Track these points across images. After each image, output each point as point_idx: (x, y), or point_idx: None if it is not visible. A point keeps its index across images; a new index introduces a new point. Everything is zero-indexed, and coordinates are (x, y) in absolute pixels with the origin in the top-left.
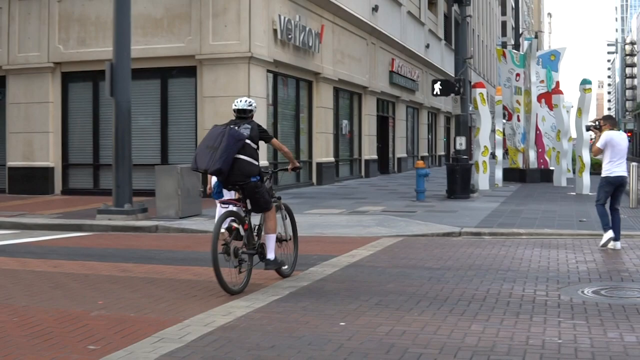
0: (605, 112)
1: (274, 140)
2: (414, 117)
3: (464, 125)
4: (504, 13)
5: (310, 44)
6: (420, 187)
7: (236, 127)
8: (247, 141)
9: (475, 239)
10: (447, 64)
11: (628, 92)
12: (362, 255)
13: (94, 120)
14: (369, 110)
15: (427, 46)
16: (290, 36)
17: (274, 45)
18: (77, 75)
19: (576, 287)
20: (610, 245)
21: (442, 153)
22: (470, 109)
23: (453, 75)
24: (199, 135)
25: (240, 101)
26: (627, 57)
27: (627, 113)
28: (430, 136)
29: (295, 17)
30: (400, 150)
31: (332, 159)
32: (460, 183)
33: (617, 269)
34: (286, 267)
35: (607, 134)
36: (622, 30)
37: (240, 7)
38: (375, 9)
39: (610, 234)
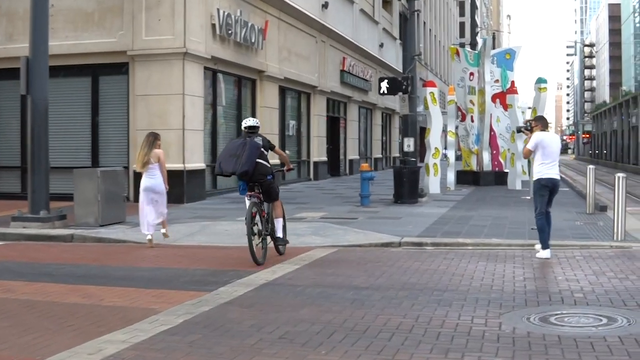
0: (564, 114)
1: (276, 148)
2: (367, 118)
3: (413, 126)
4: (462, 14)
5: (253, 40)
6: (364, 191)
7: (254, 139)
8: (262, 149)
9: (416, 250)
10: (402, 64)
11: (587, 94)
12: (286, 270)
13: (22, 120)
14: (319, 111)
15: (381, 45)
16: (230, 32)
17: (212, 40)
18: (4, 72)
19: (521, 312)
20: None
21: (397, 155)
22: (422, 109)
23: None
24: (132, 136)
25: (250, 120)
26: (586, 59)
27: (585, 115)
28: (384, 137)
29: (236, 12)
30: (352, 151)
31: (277, 161)
32: (407, 187)
33: (571, 289)
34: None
35: (538, 135)
36: (582, 32)
37: (175, 0)
38: (325, 5)
39: (548, 254)
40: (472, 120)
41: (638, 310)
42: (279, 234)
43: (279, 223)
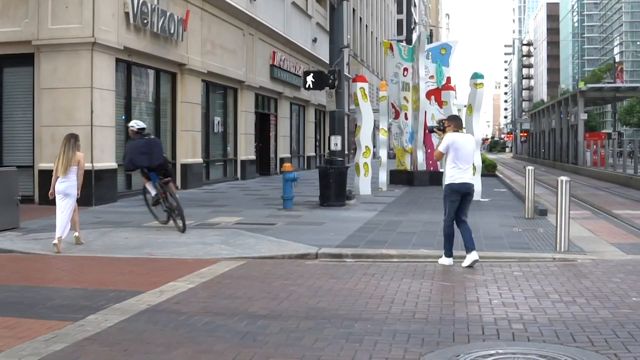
0: (502, 113)
1: None
2: (300, 115)
3: (339, 123)
4: (400, 11)
5: (172, 31)
6: (287, 193)
7: (154, 138)
8: None
9: (334, 263)
10: (329, 56)
11: (524, 93)
12: (177, 290)
13: None
14: (246, 107)
15: (315, 40)
16: (146, 21)
17: (125, 30)
18: None
19: (448, 351)
20: (470, 260)
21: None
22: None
23: (348, 75)
24: (37, 133)
25: (139, 123)
26: (524, 57)
27: (523, 113)
28: (317, 135)
29: (152, 0)
30: (283, 149)
31: (199, 159)
32: (334, 189)
33: (508, 317)
34: None
35: (450, 136)
36: (520, 32)
37: None
38: None
39: (451, 261)
40: (406, 118)
41: (589, 348)
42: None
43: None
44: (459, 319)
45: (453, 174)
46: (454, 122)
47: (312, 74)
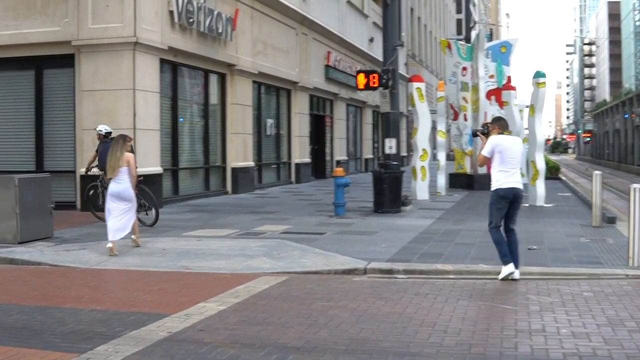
0: (564, 113)
1: None
2: (356, 117)
3: (394, 125)
4: (459, 11)
5: (220, 31)
6: (338, 199)
7: None
8: None
9: (383, 281)
10: (382, 55)
11: (586, 93)
12: (205, 313)
13: None
14: (300, 108)
15: (371, 40)
16: (191, 20)
17: (170, 30)
18: None
19: None
20: (507, 273)
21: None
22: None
23: (406, 75)
24: (78, 136)
25: (106, 128)
26: (586, 57)
27: (585, 114)
28: (375, 137)
29: None
30: (339, 152)
31: (251, 163)
32: (389, 194)
33: (579, 352)
34: None
35: (494, 139)
36: (581, 31)
37: None
38: None
39: (510, 267)
40: (466, 119)
41: None
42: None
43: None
44: (522, 354)
45: (499, 178)
46: (498, 124)
47: (363, 74)
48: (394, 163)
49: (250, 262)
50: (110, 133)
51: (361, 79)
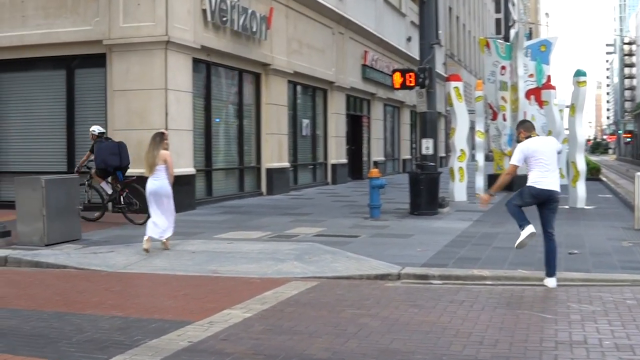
0: (604, 113)
1: None
2: (394, 117)
3: (432, 125)
4: (498, 10)
5: (255, 30)
6: (374, 201)
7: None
8: None
9: (418, 287)
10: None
11: (627, 93)
12: (229, 321)
13: None
14: (337, 108)
15: (409, 39)
16: (225, 19)
17: (203, 28)
18: None
19: None
20: (545, 282)
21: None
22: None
23: (444, 74)
24: (110, 136)
25: (99, 128)
26: (626, 57)
27: (626, 114)
28: (413, 137)
29: None
30: (377, 152)
31: (286, 163)
32: (425, 196)
33: None
34: None
35: (521, 145)
36: (621, 30)
37: None
38: None
39: (530, 228)
40: (505, 119)
41: None
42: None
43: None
44: None
45: (535, 178)
46: (523, 127)
47: (399, 72)
48: (431, 164)
49: (280, 266)
50: (103, 133)
51: (397, 78)
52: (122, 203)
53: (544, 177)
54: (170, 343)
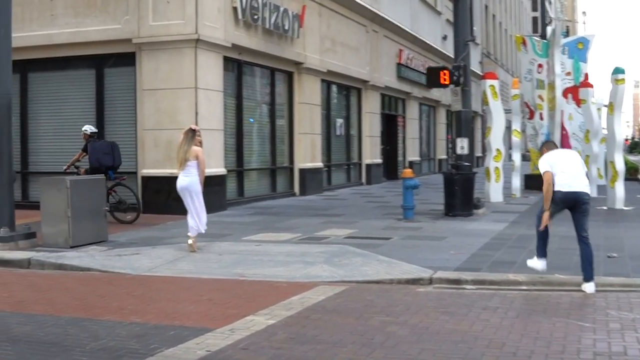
0: None
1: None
2: (430, 116)
3: (466, 124)
4: (534, 8)
5: (287, 28)
6: (407, 202)
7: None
8: None
9: (450, 292)
10: (471, 59)
11: None
12: (251, 328)
13: (22, 120)
14: (371, 108)
15: (445, 38)
16: (256, 17)
17: (233, 27)
18: None
19: None
20: (583, 287)
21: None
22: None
23: (480, 73)
24: (140, 137)
25: (91, 128)
26: None
27: None
28: (450, 137)
29: None
30: (412, 152)
31: (319, 164)
32: (460, 197)
33: None
34: None
35: (544, 157)
36: None
37: None
38: None
39: (542, 264)
40: (542, 118)
41: None
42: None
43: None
44: None
45: (560, 182)
46: (546, 146)
47: (434, 70)
48: (466, 164)
49: (309, 269)
50: (96, 133)
51: (431, 76)
52: (111, 202)
53: (569, 180)
54: (188, 352)
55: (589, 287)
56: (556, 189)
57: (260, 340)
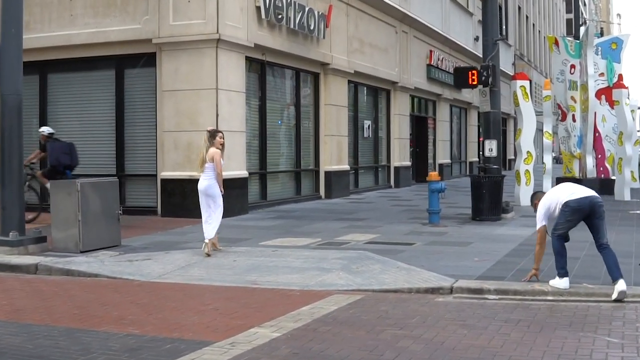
0: None
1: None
2: (460, 118)
3: (495, 125)
4: (569, 10)
5: (312, 28)
6: (433, 206)
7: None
8: None
9: (471, 302)
10: (501, 59)
11: None
12: (253, 342)
13: (40, 122)
14: (400, 109)
15: (477, 39)
16: (280, 16)
17: (257, 26)
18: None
19: None
20: (616, 291)
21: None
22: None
23: (510, 74)
24: (159, 139)
25: (49, 129)
26: None
27: None
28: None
29: None
30: (442, 155)
31: (346, 166)
32: (488, 201)
33: None
34: None
35: (541, 202)
36: None
37: None
38: None
39: (566, 282)
40: (574, 120)
41: None
42: None
43: None
44: None
45: (568, 193)
46: (536, 197)
47: (462, 70)
48: (494, 166)
49: (324, 277)
50: (53, 134)
51: (459, 77)
52: None
53: (575, 189)
54: None
55: (620, 285)
56: (567, 199)
57: (260, 356)
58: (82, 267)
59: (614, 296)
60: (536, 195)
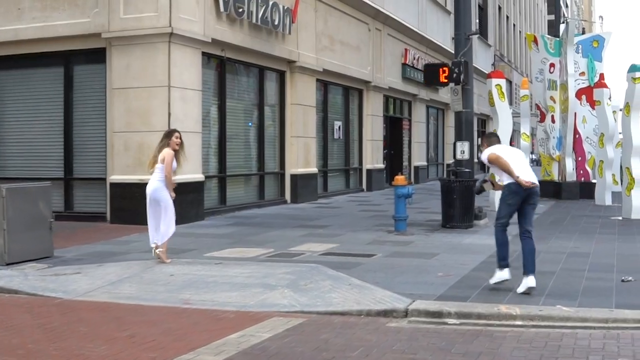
0: None
1: None
2: (438, 119)
3: (468, 126)
4: (550, 12)
5: (277, 23)
6: (399, 213)
7: None
8: None
9: (427, 328)
10: (480, 59)
11: None
12: None
13: None
14: (374, 110)
15: (454, 38)
16: (241, 10)
17: (214, 20)
18: None
19: None
20: (524, 286)
21: (476, 161)
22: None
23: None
24: (109, 140)
25: None
26: None
27: None
28: None
29: None
30: (418, 157)
31: (314, 169)
32: (459, 206)
33: None
34: None
35: (486, 150)
36: None
37: None
38: None
39: (505, 274)
40: (553, 121)
41: None
42: None
43: None
44: None
45: (520, 173)
46: (487, 141)
47: (433, 67)
48: (466, 170)
49: (267, 295)
50: None
51: (429, 73)
52: None
53: (525, 170)
54: None
55: (530, 281)
56: (509, 181)
57: None
58: (1, 282)
59: (520, 290)
60: (488, 138)
